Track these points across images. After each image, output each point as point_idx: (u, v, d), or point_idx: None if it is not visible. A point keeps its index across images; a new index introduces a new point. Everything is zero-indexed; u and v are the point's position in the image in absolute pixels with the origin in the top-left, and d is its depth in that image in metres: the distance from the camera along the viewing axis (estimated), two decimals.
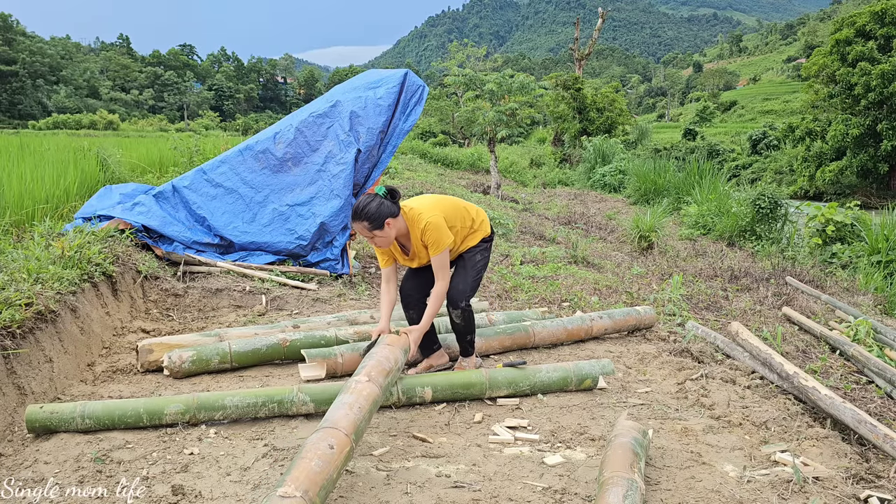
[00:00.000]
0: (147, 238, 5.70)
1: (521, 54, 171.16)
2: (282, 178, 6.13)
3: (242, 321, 4.83)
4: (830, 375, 4.51)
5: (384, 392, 3.00)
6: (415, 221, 3.55)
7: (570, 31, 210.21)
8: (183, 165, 10.10)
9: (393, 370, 3.17)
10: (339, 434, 2.43)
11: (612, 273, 7.69)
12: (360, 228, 3.40)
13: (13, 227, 5.58)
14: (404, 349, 3.43)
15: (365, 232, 3.41)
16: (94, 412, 3.02)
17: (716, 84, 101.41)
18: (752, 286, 7.37)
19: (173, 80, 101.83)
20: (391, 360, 3.19)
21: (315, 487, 2.15)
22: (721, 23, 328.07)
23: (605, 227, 12.44)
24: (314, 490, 2.13)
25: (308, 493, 2.09)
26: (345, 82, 6.92)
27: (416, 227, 3.55)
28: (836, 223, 10.29)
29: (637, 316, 4.91)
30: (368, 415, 2.72)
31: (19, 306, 3.43)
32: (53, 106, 79.81)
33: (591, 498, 2.59)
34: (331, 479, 2.27)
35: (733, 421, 3.39)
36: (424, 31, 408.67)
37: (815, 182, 32.83)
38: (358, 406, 2.66)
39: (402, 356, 3.38)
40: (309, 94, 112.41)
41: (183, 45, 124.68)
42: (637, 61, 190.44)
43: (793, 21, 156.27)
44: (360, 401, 2.70)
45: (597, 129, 31.41)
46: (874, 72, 29.43)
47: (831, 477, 2.80)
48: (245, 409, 3.17)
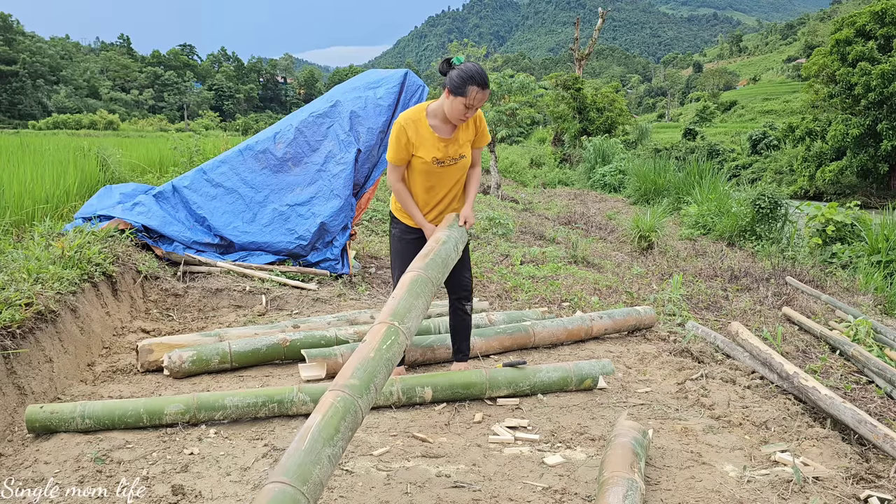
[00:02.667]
0: (147, 238, 5.70)
1: (521, 54, 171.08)
2: (282, 178, 6.13)
3: (242, 321, 4.83)
4: (830, 375, 4.50)
5: (430, 271, 2.97)
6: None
7: (570, 31, 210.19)
8: (183, 165, 10.10)
9: (435, 249, 3.13)
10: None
11: (612, 273, 7.69)
12: (482, 97, 3.25)
13: (13, 227, 5.58)
14: (449, 225, 3.42)
15: (481, 101, 3.27)
16: (95, 412, 3.02)
17: (716, 84, 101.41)
18: (752, 286, 7.37)
19: (173, 80, 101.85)
20: (432, 242, 3.21)
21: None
22: (721, 23, 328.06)
23: (605, 227, 12.44)
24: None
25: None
26: (345, 82, 6.91)
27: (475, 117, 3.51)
28: (836, 223, 10.29)
29: (637, 316, 4.91)
30: (408, 295, 2.73)
31: (19, 306, 3.43)
32: (53, 106, 79.83)
33: (591, 498, 2.59)
34: (367, 359, 2.35)
35: (733, 421, 3.39)
36: (424, 31, 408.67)
37: (815, 182, 32.83)
38: (396, 297, 2.73)
39: (448, 232, 3.34)
40: (309, 94, 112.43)
41: (183, 45, 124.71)
42: (637, 61, 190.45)
43: (793, 21, 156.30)
44: (398, 293, 2.76)
45: (597, 129, 31.42)
46: (874, 72, 29.43)
47: (831, 477, 2.80)
48: (245, 409, 3.17)
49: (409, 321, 2.62)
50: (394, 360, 2.46)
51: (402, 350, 2.54)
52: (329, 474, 1.99)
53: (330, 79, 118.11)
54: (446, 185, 3.55)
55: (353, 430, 2.18)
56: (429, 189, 3.53)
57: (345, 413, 2.14)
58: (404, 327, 2.57)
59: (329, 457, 1.99)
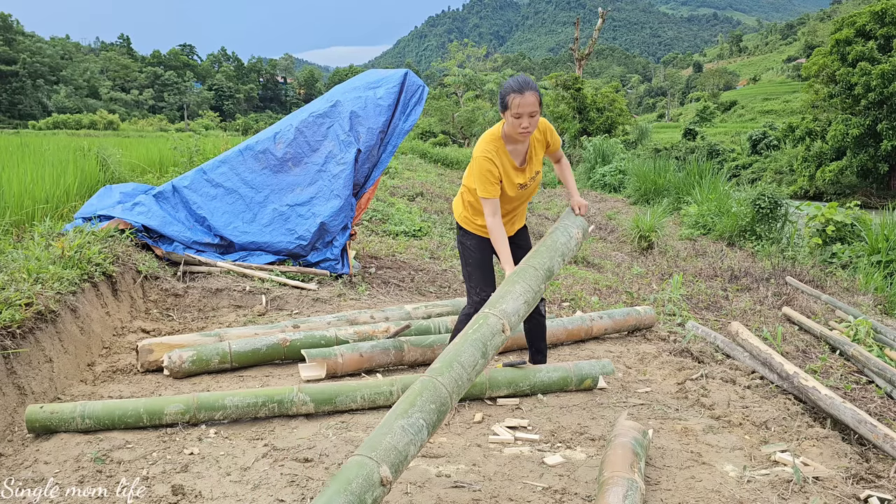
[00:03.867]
0: (147, 238, 5.70)
1: (521, 54, 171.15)
2: (282, 179, 6.13)
3: (242, 321, 4.83)
4: (830, 375, 4.50)
5: (532, 259, 3.13)
6: (538, 125, 3.37)
7: (570, 31, 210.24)
8: (183, 165, 10.09)
9: (542, 241, 3.31)
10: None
11: (612, 273, 7.69)
12: (534, 99, 3.12)
13: (13, 227, 5.57)
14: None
15: (535, 106, 3.12)
16: (95, 412, 3.02)
17: (716, 84, 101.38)
18: (752, 286, 7.37)
19: (173, 80, 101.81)
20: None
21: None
22: (721, 23, 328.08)
23: (605, 227, 12.44)
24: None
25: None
26: (345, 82, 6.91)
27: (539, 128, 3.41)
28: (836, 223, 10.29)
29: (637, 316, 4.91)
30: (503, 284, 2.96)
31: (19, 306, 3.43)
32: (53, 106, 79.81)
33: (591, 498, 2.59)
34: (452, 344, 2.58)
35: (733, 421, 3.39)
36: (424, 31, 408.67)
37: (815, 182, 32.84)
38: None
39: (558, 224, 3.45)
40: (309, 94, 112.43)
41: (183, 45, 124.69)
42: (637, 61, 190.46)
43: (793, 21, 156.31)
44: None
45: (597, 128, 31.43)
46: (874, 72, 29.44)
47: (831, 477, 2.80)
48: (245, 408, 3.16)
49: (502, 304, 2.77)
50: (484, 341, 2.56)
51: (496, 331, 2.64)
52: (407, 441, 2.12)
53: (330, 79, 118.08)
54: (520, 207, 3.55)
55: (436, 402, 2.29)
56: (505, 213, 3.44)
57: (422, 389, 2.30)
58: (497, 310, 2.73)
59: (403, 427, 2.14)
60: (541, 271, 3.05)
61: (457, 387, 2.40)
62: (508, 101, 3.13)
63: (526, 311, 2.89)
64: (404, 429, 2.15)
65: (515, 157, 3.34)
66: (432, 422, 2.25)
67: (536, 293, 2.97)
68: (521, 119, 3.14)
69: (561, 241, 3.30)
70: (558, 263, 3.21)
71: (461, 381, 2.43)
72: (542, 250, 3.20)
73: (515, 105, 3.11)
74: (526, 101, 3.11)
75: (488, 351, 2.58)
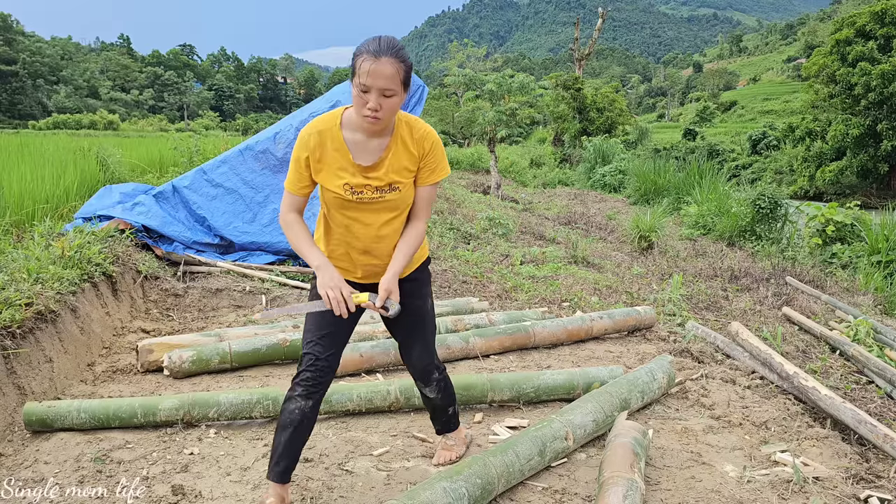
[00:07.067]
0: (147, 238, 5.70)
1: (521, 54, 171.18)
2: (282, 179, 6.13)
3: (242, 321, 4.83)
4: (830, 375, 4.50)
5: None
6: (416, 128, 2.34)
7: (570, 31, 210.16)
8: (183, 165, 10.10)
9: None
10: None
11: (612, 273, 7.69)
12: (393, 71, 2.09)
13: (13, 227, 5.58)
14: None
15: (392, 82, 2.10)
16: (91, 406, 3.04)
17: (716, 84, 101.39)
18: (752, 286, 7.37)
19: (173, 80, 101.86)
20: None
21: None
22: (721, 23, 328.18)
23: (605, 227, 12.44)
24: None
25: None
26: (345, 82, 6.91)
27: (414, 135, 2.33)
28: (836, 223, 10.30)
29: (637, 316, 4.91)
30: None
31: (19, 306, 3.43)
32: (53, 106, 79.85)
33: (591, 498, 2.59)
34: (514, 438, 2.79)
35: (733, 421, 3.39)
36: (424, 32, 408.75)
37: (815, 182, 32.85)
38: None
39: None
40: (309, 94, 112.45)
41: (183, 45, 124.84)
42: (637, 61, 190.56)
43: (793, 21, 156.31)
44: None
45: (597, 129, 31.44)
46: (874, 72, 29.44)
47: (831, 477, 2.80)
48: (240, 406, 3.16)
49: (570, 415, 2.96)
50: (544, 440, 2.74)
51: (559, 436, 2.81)
52: (446, 500, 2.25)
53: (330, 79, 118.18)
54: (370, 232, 2.35)
55: (482, 478, 2.43)
56: (345, 230, 2.37)
57: (472, 462, 2.48)
58: (563, 419, 2.92)
59: (444, 489, 2.27)
60: (616, 399, 3.18)
61: (506, 471, 2.54)
62: (357, 63, 2.11)
63: (593, 430, 3.00)
64: (445, 490, 2.27)
65: (357, 151, 2.28)
66: (475, 496, 2.37)
67: (607, 417, 3.07)
68: (369, 94, 2.11)
69: (643, 380, 3.42)
70: (636, 399, 3.32)
71: (512, 468, 2.57)
72: (623, 382, 3.34)
73: (364, 72, 2.08)
74: (380, 70, 2.08)
75: (546, 451, 2.72)
